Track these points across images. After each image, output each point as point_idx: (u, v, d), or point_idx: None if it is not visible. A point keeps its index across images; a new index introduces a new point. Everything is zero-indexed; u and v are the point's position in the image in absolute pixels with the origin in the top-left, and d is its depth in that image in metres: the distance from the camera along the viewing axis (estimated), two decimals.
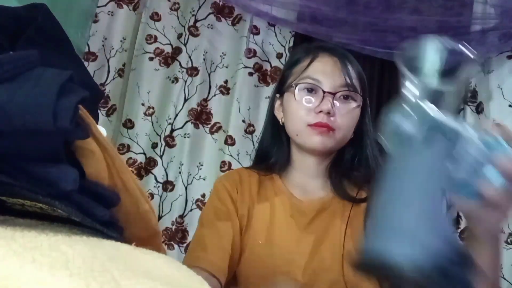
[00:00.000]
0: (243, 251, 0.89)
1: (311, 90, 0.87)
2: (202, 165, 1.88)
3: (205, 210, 0.96)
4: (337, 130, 0.86)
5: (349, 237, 0.86)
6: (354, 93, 0.88)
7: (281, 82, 0.95)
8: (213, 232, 0.87)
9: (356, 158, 0.93)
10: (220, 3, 2.00)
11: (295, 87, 0.87)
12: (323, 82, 0.86)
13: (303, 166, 0.93)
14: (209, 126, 1.92)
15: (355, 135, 0.91)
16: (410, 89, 0.48)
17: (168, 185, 1.86)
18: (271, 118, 0.97)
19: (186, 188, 1.86)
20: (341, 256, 0.84)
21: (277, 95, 0.95)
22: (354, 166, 0.93)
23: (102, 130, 0.39)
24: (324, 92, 0.85)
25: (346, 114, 0.87)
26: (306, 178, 0.93)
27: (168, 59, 1.97)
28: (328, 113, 0.84)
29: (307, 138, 0.87)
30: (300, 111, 0.87)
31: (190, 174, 1.87)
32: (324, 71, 0.88)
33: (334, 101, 0.86)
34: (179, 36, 1.98)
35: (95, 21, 1.95)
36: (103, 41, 1.95)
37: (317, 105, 0.85)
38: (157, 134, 1.91)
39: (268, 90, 1.93)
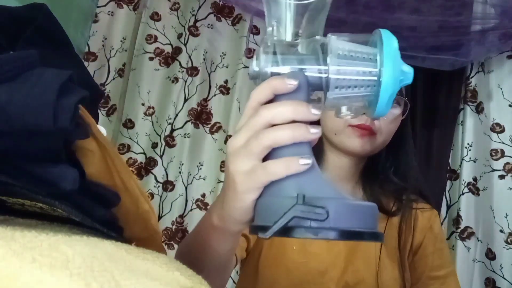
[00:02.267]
0: (275, 255, 0.85)
1: None
2: (202, 165, 1.88)
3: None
4: (379, 134, 0.82)
5: (384, 251, 0.84)
6: (399, 97, 0.84)
7: None
8: None
9: (392, 165, 0.89)
10: (220, 3, 1.99)
11: None
12: None
13: (335, 167, 0.88)
14: (209, 126, 1.92)
15: (392, 140, 0.87)
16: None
17: (168, 185, 1.86)
18: None
19: (186, 188, 1.86)
20: (375, 269, 0.82)
21: None
22: (388, 173, 0.89)
23: (102, 130, 0.39)
24: None
25: (390, 119, 0.83)
26: (337, 180, 0.89)
27: (168, 59, 1.97)
28: None
29: (346, 139, 0.82)
30: None
31: (190, 174, 1.87)
32: None
33: None
34: (179, 36, 1.98)
35: (95, 21, 1.95)
36: (103, 41, 1.95)
37: None
38: (157, 134, 1.91)
39: None
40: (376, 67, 0.41)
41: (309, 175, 0.39)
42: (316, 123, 0.46)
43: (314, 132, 0.39)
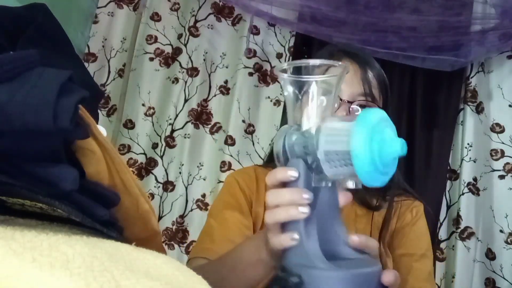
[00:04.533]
0: None
1: None
2: (202, 165, 1.88)
3: (215, 202, 0.96)
4: None
5: None
6: (372, 103, 0.86)
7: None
8: (222, 223, 0.86)
9: None
10: (220, 3, 2.00)
11: None
12: (342, 90, 0.84)
13: None
14: (209, 126, 1.92)
15: None
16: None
17: (168, 185, 1.86)
18: None
19: (186, 188, 1.86)
20: None
21: None
22: None
23: (102, 130, 0.39)
24: (341, 99, 0.83)
25: None
26: None
27: (168, 59, 1.97)
28: None
29: None
30: None
31: (191, 174, 1.87)
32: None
33: (351, 109, 0.83)
34: (179, 36, 1.98)
35: (95, 22, 1.95)
36: (103, 41, 1.95)
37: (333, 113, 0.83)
38: (158, 135, 1.91)
39: (268, 90, 1.93)
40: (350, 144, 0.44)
41: (300, 247, 0.50)
42: None
43: (303, 211, 0.52)
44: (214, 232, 0.85)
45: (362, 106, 0.86)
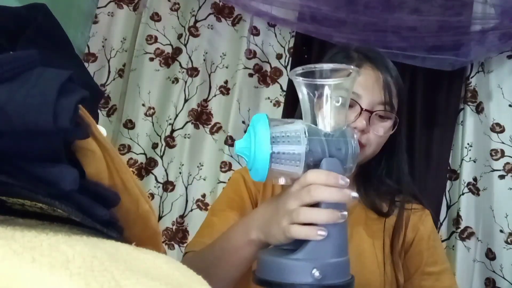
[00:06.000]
0: None
1: None
2: (202, 166, 1.88)
3: (219, 198, 0.96)
4: (368, 146, 0.85)
5: (379, 249, 0.87)
6: (389, 113, 0.86)
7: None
8: (223, 220, 0.85)
9: (384, 170, 0.93)
10: (220, 3, 2.00)
11: None
12: (363, 97, 0.83)
13: None
14: (209, 126, 1.92)
15: (385, 148, 0.90)
16: None
17: (168, 185, 1.86)
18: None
19: (186, 188, 1.86)
20: (363, 263, 0.84)
21: None
22: (382, 179, 0.92)
23: (102, 130, 0.39)
24: (362, 108, 0.82)
25: (379, 132, 0.85)
26: None
27: (168, 59, 1.97)
28: (362, 130, 0.82)
29: None
30: None
31: (191, 175, 1.87)
32: (365, 85, 0.84)
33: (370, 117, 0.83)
34: (179, 36, 1.98)
35: (95, 22, 1.95)
36: (103, 41, 1.95)
37: (353, 121, 0.82)
38: (158, 135, 1.91)
39: (268, 91, 1.93)
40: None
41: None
42: None
43: (344, 215, 0.57)
44: (215, 228, 0.84)
45: (381, 117, 0.86)
